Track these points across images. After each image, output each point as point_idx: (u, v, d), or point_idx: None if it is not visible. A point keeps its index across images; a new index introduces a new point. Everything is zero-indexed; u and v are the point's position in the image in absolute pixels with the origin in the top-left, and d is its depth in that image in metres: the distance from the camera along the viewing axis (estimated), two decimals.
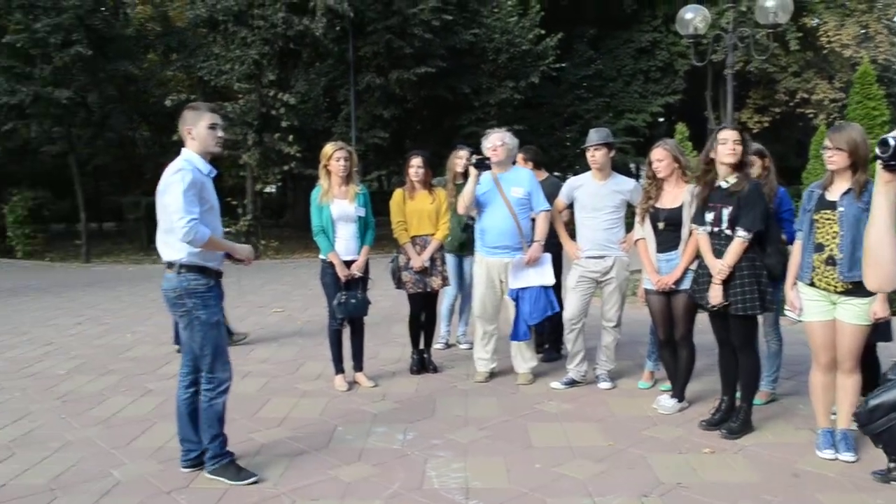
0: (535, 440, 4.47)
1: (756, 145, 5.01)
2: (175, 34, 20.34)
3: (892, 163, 1.75)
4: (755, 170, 4.88)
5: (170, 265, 3.89)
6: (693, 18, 10.64)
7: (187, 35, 20.05)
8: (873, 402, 2.03)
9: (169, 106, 15.95)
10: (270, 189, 25.68)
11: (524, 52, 20.30)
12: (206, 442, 3.99)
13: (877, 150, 1.75)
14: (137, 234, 21.19)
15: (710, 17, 11.07)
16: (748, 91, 25.58)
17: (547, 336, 6.62)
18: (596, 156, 5.43)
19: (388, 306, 8.73)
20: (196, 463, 4.08)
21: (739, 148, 4.31)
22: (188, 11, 18.00)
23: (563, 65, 22.20)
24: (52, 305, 10.54)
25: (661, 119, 27.34)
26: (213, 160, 4.07)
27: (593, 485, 3.77)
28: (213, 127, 3.92)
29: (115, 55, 18.24)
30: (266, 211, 25.29)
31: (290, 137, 16.65)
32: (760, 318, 5.02)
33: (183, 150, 3.96)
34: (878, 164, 1.76)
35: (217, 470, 3.95)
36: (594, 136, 5.49)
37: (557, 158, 24.11)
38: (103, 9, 18.41)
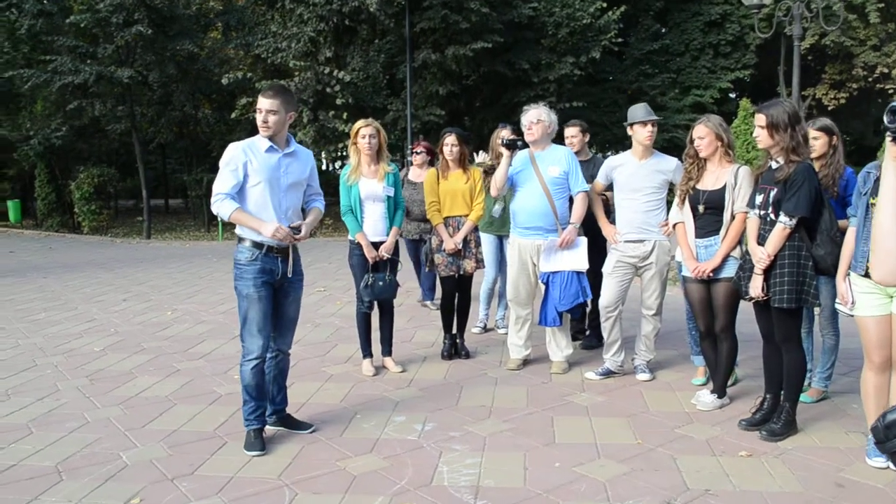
0: (560, 435, 4.21)
1: (823, 121, 4.60)
2: (234, 12, 20.43)
3: None
4: (819, 147, 4.47)
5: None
6: None
7: (246, 13, 20.12)
8: (891, 417, 1.72)
9: (226, 84, 16.03)
10: (326, 167, 25.76)
11: (585, 27, 19.65)
12: None
13: (885, 120, 1.43)
14: (200, 211, 21.54)
15: None
16: (824, 66, 24.34)
17: (589, 322, 6.33)
18: (653, 132, 5.09)
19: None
20: (272, 421, 4.35)
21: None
22: None
23: (628, 39, 21.51)
24: (103, 282, 10.70)
25: (732, 95, 26.29)
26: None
27: (613, 488, 3.50)
28: (258, 111, 4.04)
29: (176, 34, 18.40)
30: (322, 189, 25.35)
31: (345, 115, 16.55)
32: (816, 311, 4.65)
33: None
34: (887, 138, 1.45)
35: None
36: (644, 110, 5.13)
37: (621, 136, 23.42)
38: None
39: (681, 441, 4.07)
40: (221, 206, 4.00)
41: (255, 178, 4.03)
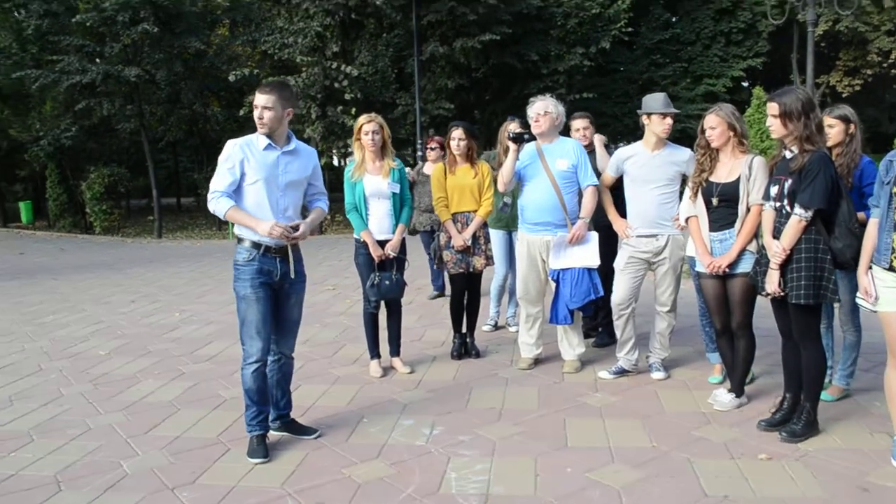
0: (572, 439, 4.07)
1: (841, 109, 4.42)
2: (241, 8, 20.35)
3: None
4: (835, 136, 4.30)
5: None
6: None
7: (252, 9, 20.03)
8: None
9: (233, 81, 15.94)
10: (337, 163, 25.65)
11: (594, 17, 19.48)
12: None
13: None
14: None
15: None
16: (838, 52, 23.98)
17: (601, 319, 6.18)
18: (671, 123, 4.93)
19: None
20: (275, 427, 4.26)
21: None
22: None
23: (638, 29, 21.27)
24: (112, 283, 10.65)
25: (745, 84, 25.97)
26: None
27: (627, 496, 3.36)
28: (254, 107, 3.96)
29: (183, 31, 18.35)
30: (331, 185, 25.29)
31: (354, 110, 16.43)
32: (836, 306, 4.48)
33: None
34: None
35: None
36: (663, 102, 4.95)
37: (632, 127, 23.20)
38: None
39: (698, 444, 3.93)
40: (217, 204, 3.91)
41: (252, 176, 3.92)
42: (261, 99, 3.90)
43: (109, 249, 16.16)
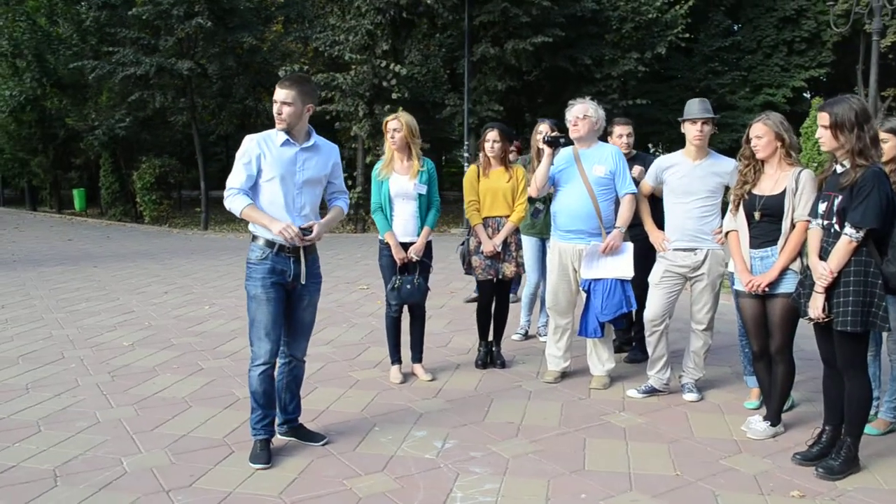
0: (591, 461, 3.83)
1: (894, 121, 4.10)
2: (294, 5, 20.43)
3: None
4: (889, 150, 3.98)
5: None
6: None
7: (306, 5, 20.09)
8: None
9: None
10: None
11: (650, 21, 19.00)
12: None
13: None
14: None
15: None
16: None
17: (635, 333, 5.91)
18: (704, 130, 4.67)
19: (473, 289, 8.21)
20: (282, 431, 4.13)
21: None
22: None
23: (697, 35, 20.74)
24: (150, 273, 10.69)
25: (806, 95, 25.13)
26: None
27: None
28: (273, 102, 3.82)
29: (236, 26, 18.47)
30: None
31: (401, 109, 16.30)
32: (885, 334, 4.15)
33: None
34: None
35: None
36: (699, 106, 4.71)
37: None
38: None
39: (725, 475, 3.65)
40: (233, 202, 3.79)
41: (268, 173, 3.79)
42: (280, 94, 3.76)
43: (154, 239, 16.34)
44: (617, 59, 18.93)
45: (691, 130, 4.66)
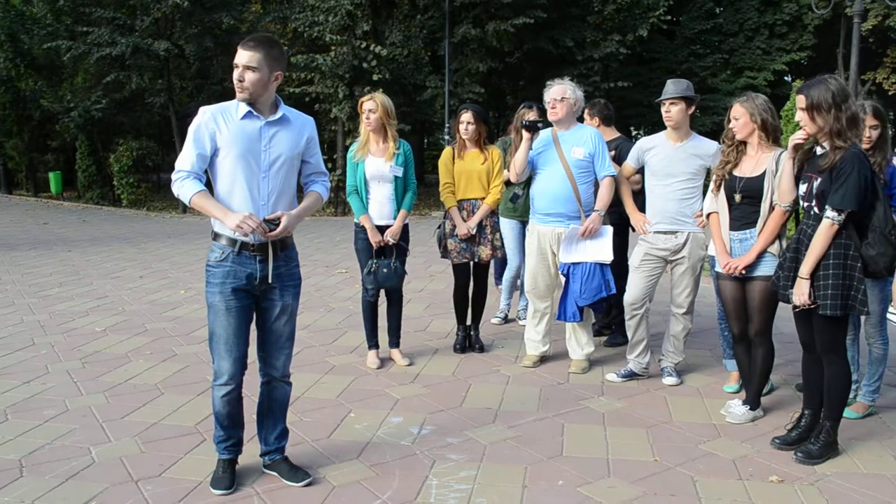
0: (569, 447, 3.78)
1: (871, 102, 4.05)
2: None
3: None
4: (869, 133, 3.93)
5: None
6: None
7: None
8: None
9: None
10: None
11: (632, 3, 18.94)
12: None
13: None
14: None
15: None
16: (886, 49, 23.12)
17: (615, 317, 5.86)
18: (672, 111, 4.61)
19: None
20: (265, 463, 3.54)
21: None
22: None
23: (679, 18, 20.68)
24: (126, 257, 10.52)
25: (787, 78, 25.17)
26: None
27: None
28: (234, 66, 3.15)
29: (214, 6, 18.16)
30: None
31: (381, 91, 16.14)
32: (863, 319, 4.13)
33: None
34: None
35: None
36: (671, 87, 4.66)
37: None
38: None
39: (704, 460, 3.61)
40: (181, 188, 3.12)
41: (225, 152, 3.14)
42: (243, 56, 3.09)
43: (132, 223, 16.11)
44: (598, 42, 18.86)
45: (662, 112, 4.62)
